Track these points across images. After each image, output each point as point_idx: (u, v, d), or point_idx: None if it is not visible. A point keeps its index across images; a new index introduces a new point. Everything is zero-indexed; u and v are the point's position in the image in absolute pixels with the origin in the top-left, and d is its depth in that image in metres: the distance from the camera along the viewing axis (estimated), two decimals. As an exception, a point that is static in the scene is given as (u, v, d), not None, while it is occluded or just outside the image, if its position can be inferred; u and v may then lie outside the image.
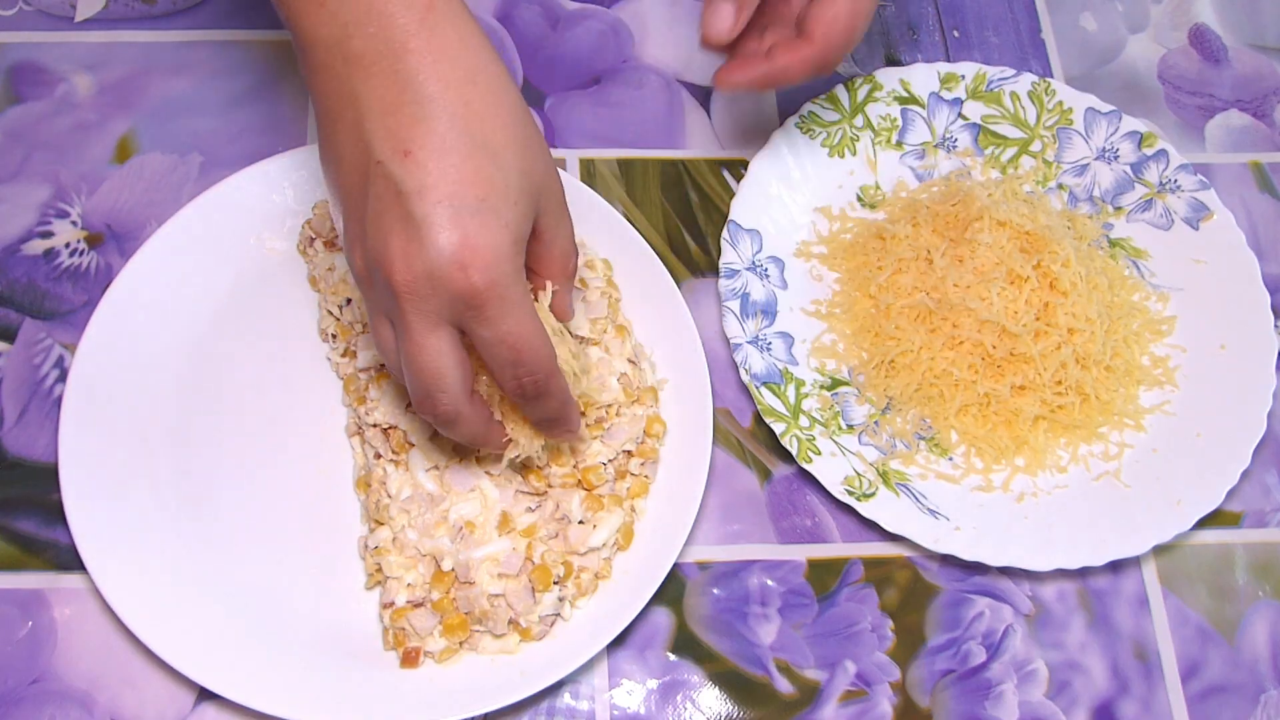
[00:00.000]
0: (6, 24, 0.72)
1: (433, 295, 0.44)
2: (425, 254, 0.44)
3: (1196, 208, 0.68)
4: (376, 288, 0.46)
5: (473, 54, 0.45)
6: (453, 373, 0.47)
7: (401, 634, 0.55)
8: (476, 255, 0.44)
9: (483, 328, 0.46)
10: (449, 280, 0.44)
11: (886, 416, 0.63)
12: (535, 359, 0.47)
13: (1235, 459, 0.61)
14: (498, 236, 0.44)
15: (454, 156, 0.44)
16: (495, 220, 0.44)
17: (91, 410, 0.59)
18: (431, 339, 0.46)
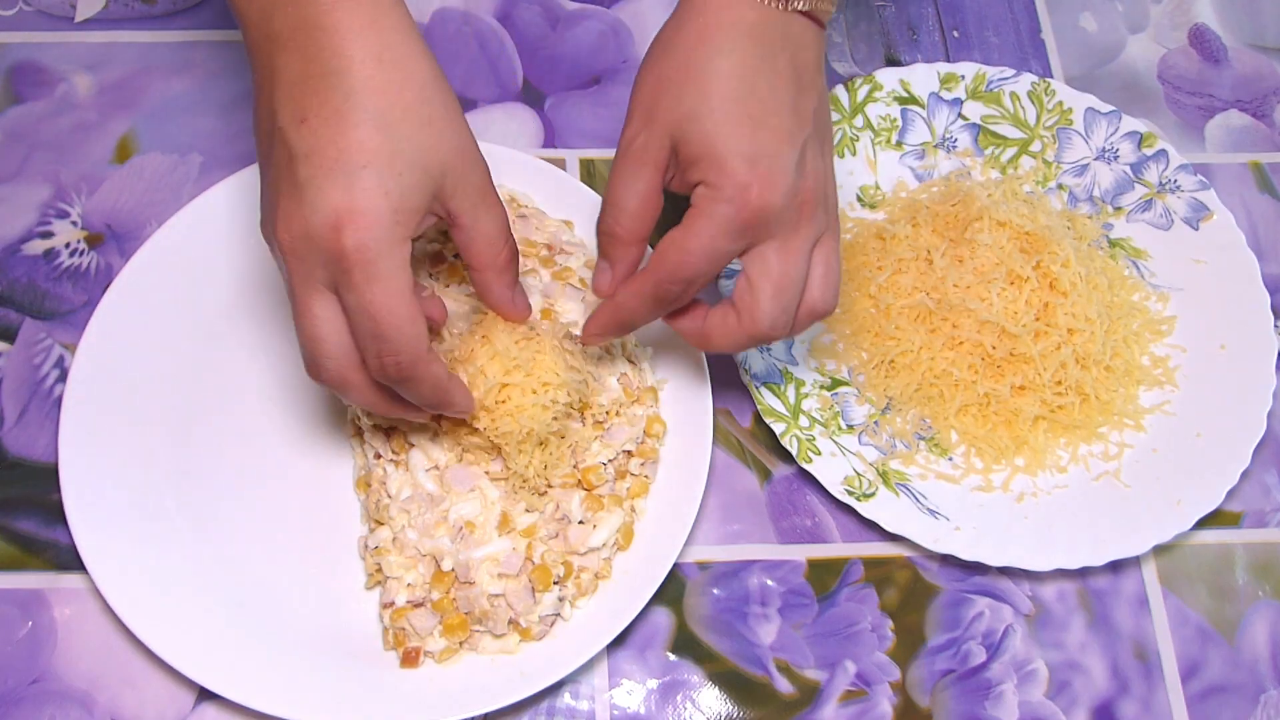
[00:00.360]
0: (6, 24, 0.72)
1: (309, 255, 0.46)
2: (303, 214, 0.45)
3: (1196, 208, 0.68)
4: (272, 252, 0.48)
5: (384, 34, 0.46)
6: (335, 338, 0.47)
7: (401, 634, 0.55)
8: (350, 218, 0.45)
9: (348, 293, 0.46)
10: (322, 240, 0.45)
11: (886, 416, 0.63)
12: (397, 337, 0.47)
13: (1235, 459, 0.61)
14: (375, 203, 0.45)
15: (344, 125, 0.45)
16: (375, 187, 0.45)
17: (91, 410, 0.59)
18: (313, 303, 0.47)
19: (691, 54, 0.50)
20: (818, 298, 0.52)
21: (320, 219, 0.45)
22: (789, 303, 0.51)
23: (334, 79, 0.45)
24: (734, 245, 0.50)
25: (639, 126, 0.51)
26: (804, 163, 0.50)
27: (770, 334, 0.51)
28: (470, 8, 0.76)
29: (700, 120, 0.49)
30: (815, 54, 0.52)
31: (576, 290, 0.61)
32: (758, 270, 0.50)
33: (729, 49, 0.49)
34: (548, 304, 0.60)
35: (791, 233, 0.50)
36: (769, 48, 0.50)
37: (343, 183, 0.45)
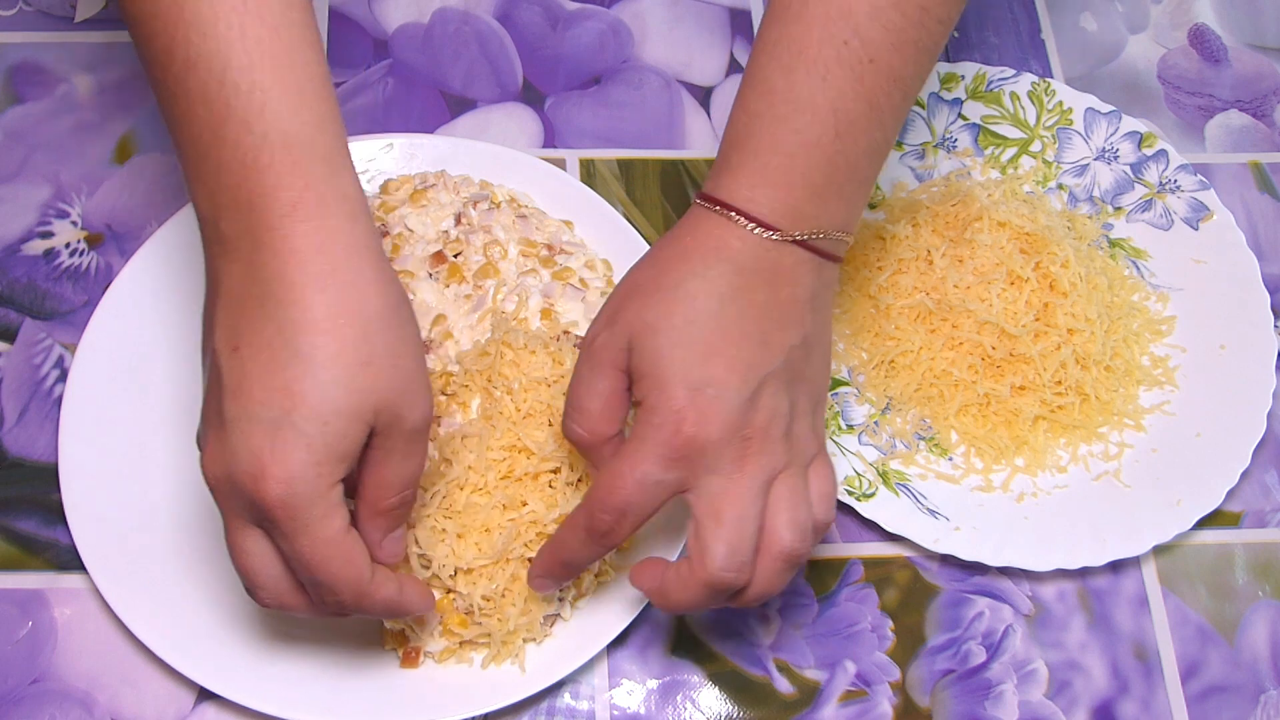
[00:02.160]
0: (7, 24, 0.72)
1: (233, 496, 0.44)
2: (225, 457, 0.43)
3: (1196, 208, 0.68)
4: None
5: (332, 257, 0.43)
6: (267, 570, 0.46)
7: (402, 634, 0.55)
8: (269, 470, 0.42)
9: (280, 540, 0.44)
10: (243, 487, 0.43)
11: (886, 416, 0.63)
12: (334, 582, 0.45)
13: (1235, 459, 0.61)
14: (295, 455, 0.42)
15: (274, 363, 0.42)
16: (296, 438, 0.42)
17: (91, 410, 0.59)
18: (241, 537, 0.45)
19: (669, 268, 0.48)
20: (785, 539, 0.47)
21: (243, 467, 0.42)
22: (739, 543, 0.46)
23: (271, 306, 0.42)
24: (666, 475, 0.46)
25: (602, 326, 0.49)
26: (758, 399, 0.47)
27: (724, 579, 0.46)
28: (470, 8, 0.76)
29: (655, 335, 0.47)
30: (810, 290, 0.49)
31: (577, 290, 0.61)
32: (702, 508, 0.47)
33: (706, 272, 0.47)
34: (548, 304, 0.60)
35: (735, 469, 0.46)
36: (751, 278, 0.47)
37: (265, 430, 0.42)
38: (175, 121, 0.45)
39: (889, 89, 0.49)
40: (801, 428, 0.49)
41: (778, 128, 0.48)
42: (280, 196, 0.43)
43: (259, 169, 0.43)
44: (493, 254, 0.61)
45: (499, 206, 0.63)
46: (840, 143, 0.48)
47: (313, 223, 0.43)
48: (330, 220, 0.44)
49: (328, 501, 0.44)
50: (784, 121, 0.48)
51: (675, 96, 0.73)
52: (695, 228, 0.49)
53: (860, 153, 0.49)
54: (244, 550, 0.45)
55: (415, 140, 0.66)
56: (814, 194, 0.48)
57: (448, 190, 0.63)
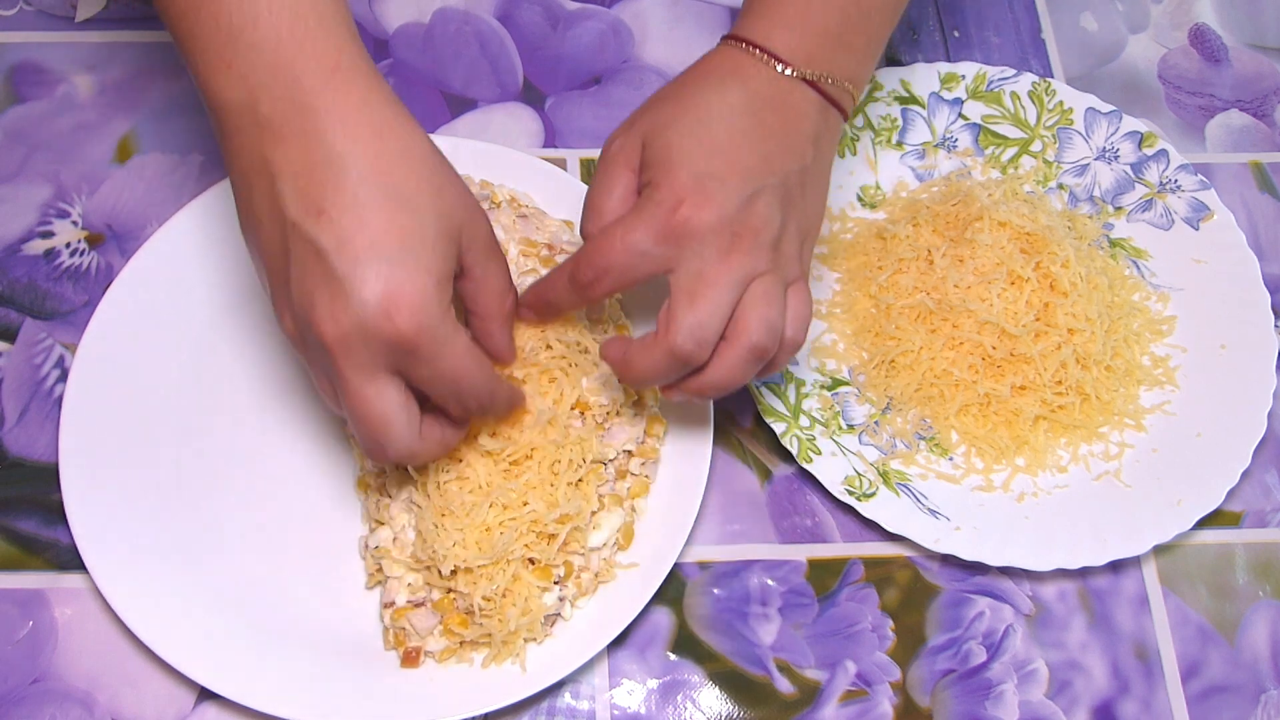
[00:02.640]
0: (7, 24, 0.72)
1: (364, 347, 0.45)
2: (351, 308, 0.44)
3: (1197, 208, 0.68)
4: (310, 347, 0.47)
5: (378, 110, 0.46)
6: (396, 418, 0.47)
7: (401, 634, 0.55)
8: (401, 302, 0.44)
9: (419, 369, 0.46)
10: (378, 330, 0.45)
11: (887, 416, 0.63)
12: (475, 386, 0.49)
13: (1235, 459, 0.61)
14: (419, 281, 0.45)
15: (367, 210, 0.45)
16: (415, 265, 0.45)
17: (91, 410, 0.59)
18: (369, 389, 0.46)
19: (688, 83, 0.53)
20: (754, 330, 0.50)
21: (372, 309, 0.44)
22: (708, 320, 0.49)
23: (340, 163, 0.45)
24: (654, 249, 0.49)
25: (619, 132, 0.53)
26: (753, 203, 0.50)
27: (685, 349, 0.49)
28: (470, 8, 0.76)
29: (669, 130, 0.51)
30: (814, 128, 0.53)
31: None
32: (680, 286, 0.50)
33: (721, 88, 0.52)
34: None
35: (719, 259, 0.49)
36: (762, 103, 0.51)
37: (384, 270, 0.44)
38: (195, 15, 0.46)
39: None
40: (789, 246, 0.52)
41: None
42: (322, 63, 0.45)
43: (296, 41, 0.45)
44: None
45: (499, 206, 0.63)
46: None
47: (355, 83, 0.46)
48: (364, 79, 0.46)
49: (452, 320, 0.47)
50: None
51: (675, 96, 0.73)
52: (717, 57, 0.53)
53: (873, 9, 0.54)
54: (373, 399, 0.47)
55: (415, 140, 0.66)
56: (826, 41, 0.53)
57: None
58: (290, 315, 0.47)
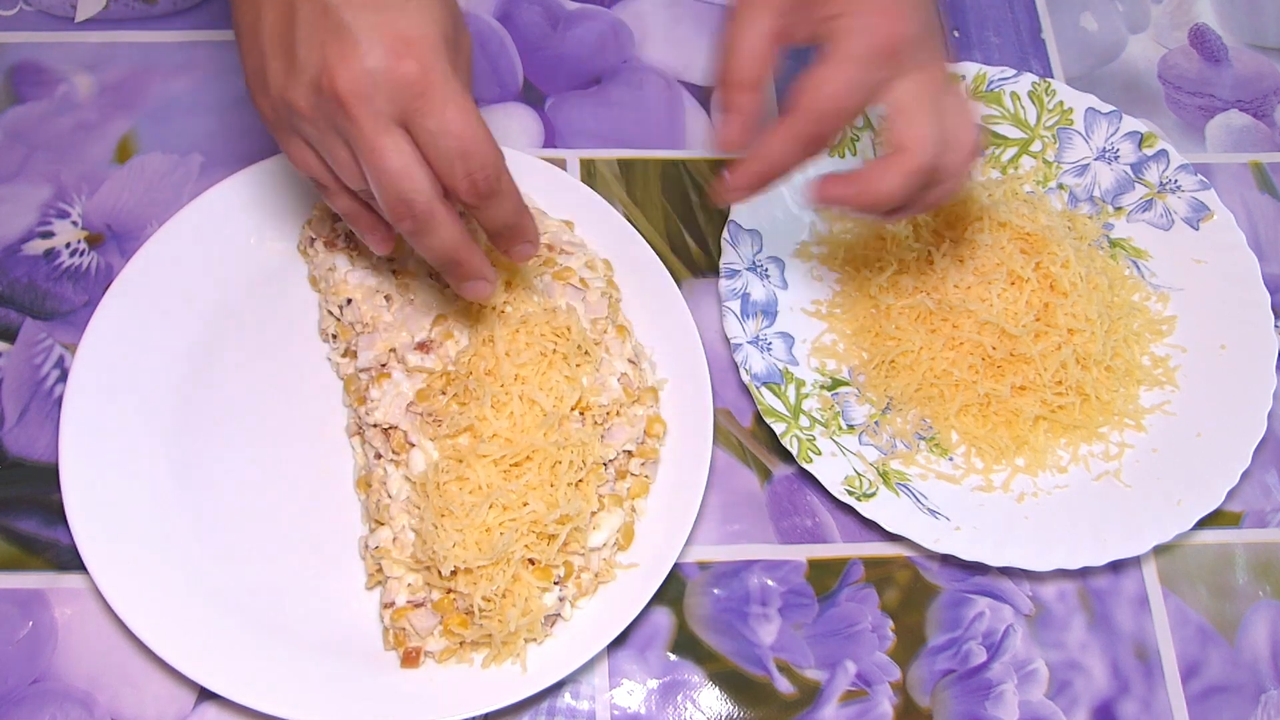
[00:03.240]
0: (7, 24, 0.72)
1: (377, 92, 0.46)
2: (362, 54, 0.45)
3: (1197, 208, 0.68)
4: (322, 112, 0.47)
5: None
6: (418, 168, 0.47)
7: (401, 634, 0.55)
8: (410, 45, 0.46)
9: (427, 118, 0.46)
10: (389, 71, 0.45)
11: (887, 416, 0.63)
12: (481, 149, 0.48)
13: (1235, 459, 0.61)
14: (427, 28, 0.46)
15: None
16: (420, 15, 0.46)
17: (91, 410, 0.59)
18: (388, 139, 0.47)
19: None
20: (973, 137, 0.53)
21: (381, 52, 0.45)
22: (944, 129, 0.51)
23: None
24: (878, 75, 0.50)
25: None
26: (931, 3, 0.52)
27: (935, 162, 0.51)
28: (470, 8, 0.76)
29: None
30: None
31: (577, 290, 0.61)
32: (910, 97, 0.51)
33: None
34: (549, 304, 0.60)
35: (931, 62, 0.51)
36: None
37: (392, 15, 0.46)
38: None
39: None
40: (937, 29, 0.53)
41: None
42: None
43: None
44: None
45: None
46: None
47: None
48: None
49: (460, 78, 0.47)
50: None
51: (675, 96, 0.73)
52: None
53: None
54: (391, 152, 0.47)
55: (415, 140, 0.66)
56: None
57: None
58: (294, 78, 0.47)
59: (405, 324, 0.59)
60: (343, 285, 0.61)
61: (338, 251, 0.62)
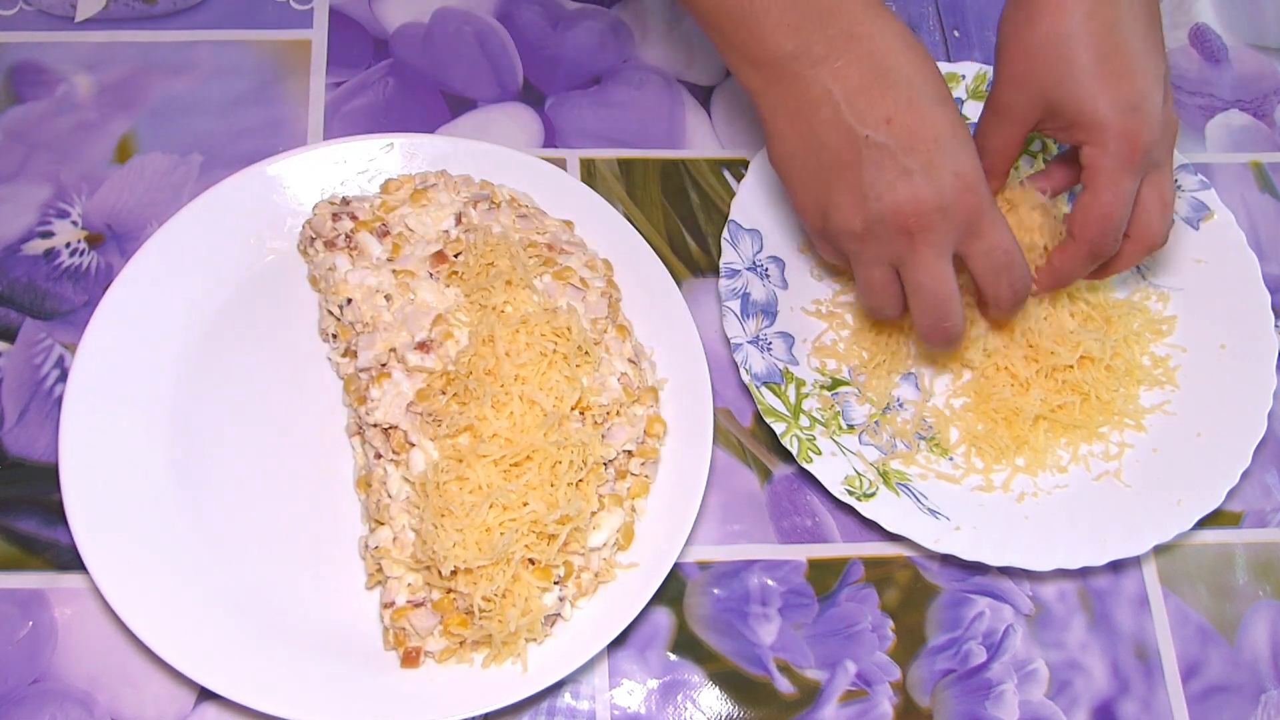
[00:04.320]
0: (7, 24, 0.72)
1: (944, 224, 0.53)
2: (932, 192, 0.52)
3: (1197, 207, 0.68)
4: (879, 239, 0.54)
5: (892, 24, 0.54)
6: (958, 295, 0.55)
7: (401, 634, 0.55)
8: (971, 180, 0.53)
9: (981, 240, 0.54)
10: (958, 205, 0.53)
11: (887, 416, 0.63)
12: (1021, 264, 0.56)
13: (1236, 459, 0.61)
14: (974, 164, 0.53)
15: (925, 113, 0.52)
16: (967, 151, 0.53)
17: (91, 410, 0.59)
18: (941, 266, 0.54)
19: (1054, 22, 0.56)
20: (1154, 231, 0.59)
21: (950, 189, 0.52)
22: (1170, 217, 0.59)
23: (893, 76, 0.52)
24: (1135, 183, 0.57)
25: (1007, 89, 0.58)
26: (1166, 94, 0.57)
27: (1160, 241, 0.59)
28: (470, 7, 0.76)
29: (1075, 85, 0.55)
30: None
31: (577, 290, 0.61)
32: (1149, 193, 0.57)
33: (1088, 11, 0.55)
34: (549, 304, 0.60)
35: (1166, 158, 0.58)
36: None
37: (950, 158, 0.53)
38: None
39: None
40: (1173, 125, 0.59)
41: None
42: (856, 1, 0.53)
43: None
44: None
45: (499, 206, 0.63)
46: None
47: (883, 9, 0.54)
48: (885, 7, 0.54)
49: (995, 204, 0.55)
50: None
51: (675, 96, 0.73)
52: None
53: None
54: (946, 278, 0.55)
55: (416, 140, 0.66)
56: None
57: (448, 190, 0.63)
58: (860, 214, 0.54)
59: (405, 324, 0.59)
60: (343, 285, 0.61)
61: (338, 251, 0.62)
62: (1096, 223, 0.57)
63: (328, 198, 0.64)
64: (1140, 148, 0.55)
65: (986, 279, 0.56)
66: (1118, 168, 0.56)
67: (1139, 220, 0.58)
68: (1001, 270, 0.55)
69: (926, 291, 0.55)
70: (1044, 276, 0.61)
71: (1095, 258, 0.58)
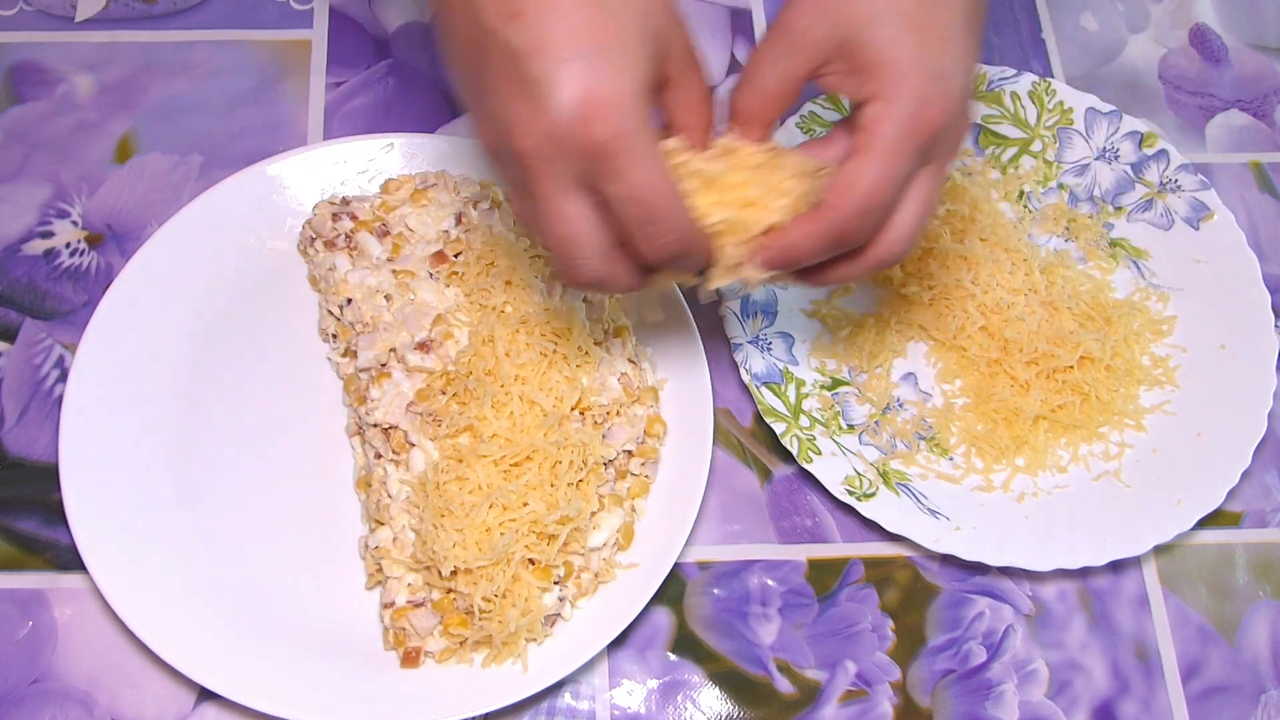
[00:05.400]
0: (7, 24, 0.72)
1: (558, 157, 0.43)
2: (546, 114, 0.42)
3: (1197, 207, 0.68)
4: (505, 161, 0.45)
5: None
6: (589, 236, 0.45)
7: (401, 634, 0.55)
8: (598, 107, 0.42)
9: (612, 183, 0.43)
10: (572, 137, 0.42)
11: (887, 416, 0.63)
12: (671, 215, 0.45)
13: (1236, 459, 0.61)
14: (618, 83, 0.42)
15: (561, 10, 0.42)
16: (614, 69, 0.42)
17: (91, 410, 0.59)
18: (563, 204, 0.44)
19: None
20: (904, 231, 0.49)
21: (567, 115, 0.42)
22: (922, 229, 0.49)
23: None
24: (912, 168, 0.47)
25: (804, 12, 0.48)
26: (971, 92, 0.48)
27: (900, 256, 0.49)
28: (470, 8, 0.76)
29: (883, 25, 0.46)
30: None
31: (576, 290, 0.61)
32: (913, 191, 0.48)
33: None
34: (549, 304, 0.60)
35: (946, 159, 0.48)
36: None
37: (580, 72, 0.42)
38: None
39: None
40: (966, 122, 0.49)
41: None
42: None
43: None
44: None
45: (499, 206, 0.63)
46: None
47: None
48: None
49: (653, 134, 0.44)
50: None
51: (675, 96, 0.73)
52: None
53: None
54: (567, 217, 0.45)
55: (415, 140, 0.66)
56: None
57: (448, 190, 0.63)
58: (488, 129, 0.45)
59: (405, 324, 0.59)
60: (343, 285, 0.61)
61: (338, 251, 0.62)
62: (857, 197, 0.46)
63: (328, 198, 0.64)
64: (931, 124, 0.46)
65: (629, 230, 0.45)
66: (900, 138, 0.46)
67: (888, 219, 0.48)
68: (637, 225, 0.44)
69: (546, 233, 0.45)
70: (769, 249, 0.48)
71: (838, 241, 0.47)
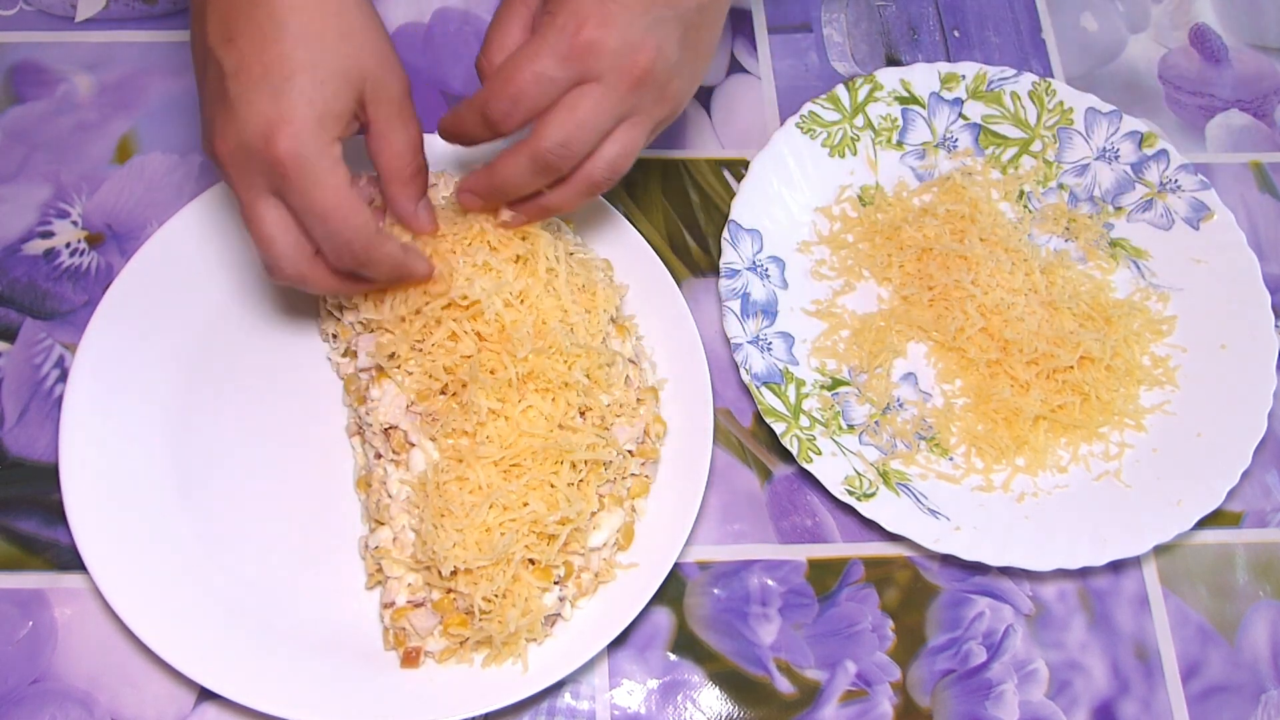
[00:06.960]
0: (7, 24, 0.72)
1: (248, 165, 0.49)
2: (236, 127, 0.48)
3: (1197, 207, 0.68)
4: (212, 161, 0.51)
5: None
6: (284, 237, 0.51)
7: (402, 634, 0.55)
8: (280, 128, 0.48)
9: (292, 197, 0.50)
10: (257, 150, 0.48)
11: (887, 416, 0.63)
12: (345, 229, 0.50)
13: (1236, 459, 0.61)
14: (300, 110, 0.48)
15: (268, 41, 0.48)
16: (299, 97, 0.48)
17: (91, 410, 0.59)
18: (258, 207, 0.50)
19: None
20: (601, 168, 0.54)
21: (252, 130, 0.48)
22: (577, 140, 0.52)
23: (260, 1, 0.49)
24: (560, 73, 0.51)
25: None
26: (651, 35, 0.51)
27: (547, 157, 0.52)
28: (470, 8, 0.76)
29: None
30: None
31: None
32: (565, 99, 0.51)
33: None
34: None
35: (610, 87, 0.51)
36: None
37: (269, 95, 0.48)
38: None
39: None
40: (681, 85, 0.54)
41: None
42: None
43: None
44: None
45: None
46: None
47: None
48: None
49: (331, 156, 0.50)
50: None
51: (675, 96, 0.73)
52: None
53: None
54: (261, 218, 0.50)
55: (415, 140, 0.66)
56: None
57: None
58: (202, 131, 0.51)
59: (405, 324, 0.59)
60: (343, 285, 0.61)
61: (338, 251, 0.62)
62: (502, 79, 0.51)
63: (328, 198, 0.64)
64: (585, 37, 0.50)
65: (311, 237, 0.51)
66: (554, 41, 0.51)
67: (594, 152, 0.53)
68: (321, 235, 0.50)
69: (249, 233, 0.51)
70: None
71: (489, 121, 0.52)
